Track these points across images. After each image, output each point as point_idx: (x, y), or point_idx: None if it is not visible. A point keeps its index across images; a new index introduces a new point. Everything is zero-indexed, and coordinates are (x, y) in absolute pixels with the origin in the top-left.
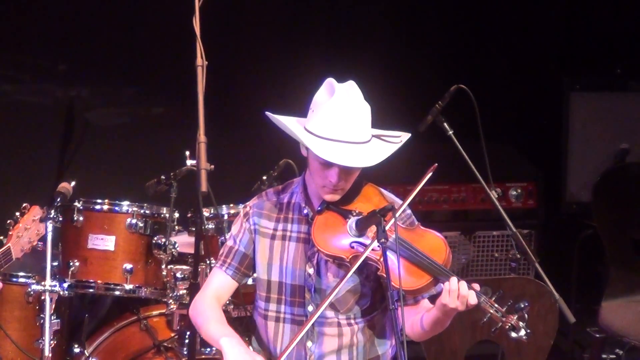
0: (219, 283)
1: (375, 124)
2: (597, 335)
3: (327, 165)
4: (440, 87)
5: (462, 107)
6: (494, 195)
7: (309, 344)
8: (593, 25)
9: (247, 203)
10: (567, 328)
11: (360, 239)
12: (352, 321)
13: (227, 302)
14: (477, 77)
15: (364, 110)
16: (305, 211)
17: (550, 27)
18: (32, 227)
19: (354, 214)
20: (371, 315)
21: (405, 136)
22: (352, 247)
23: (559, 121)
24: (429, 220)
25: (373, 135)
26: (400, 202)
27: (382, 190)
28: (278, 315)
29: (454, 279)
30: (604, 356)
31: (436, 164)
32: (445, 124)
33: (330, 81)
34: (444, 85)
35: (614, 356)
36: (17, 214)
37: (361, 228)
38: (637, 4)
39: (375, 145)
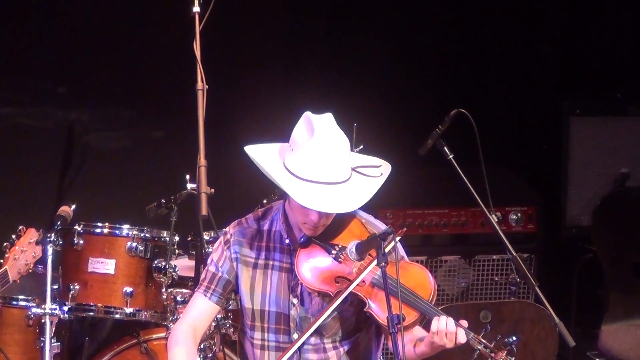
0: (201, 309)
1: (374, 149)
2: (597, 359)
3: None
4: (441, 111)
5: (462, 131)
6: (494, 219)
7: None
8: (593, 49)
9: (227, 229)
10: (567, 352)
11: (345, 273)
12: (338, 344)
13: (227, 325)
14: (477, 102)
15: (344, 147)
16: (287, 241)
17: (550, 51)
18: (29, 249)
19: (337, 248)
20: (355, 335)
21: (385, 168)
22: (337, 283)
23: (559, 145)
24: (428, 245)
25: (352, 169)
26: (384, 228)
27: (368, 220)
28: (263, 343)
29: (442, 319)
30: None
31: (405, 229)
32: (445, 148)
33: (308, 117)
34: (444, 109)
35: None
36: (14, 236)
37: (361, 252)
38: (638, 29)
39: (356, 183)
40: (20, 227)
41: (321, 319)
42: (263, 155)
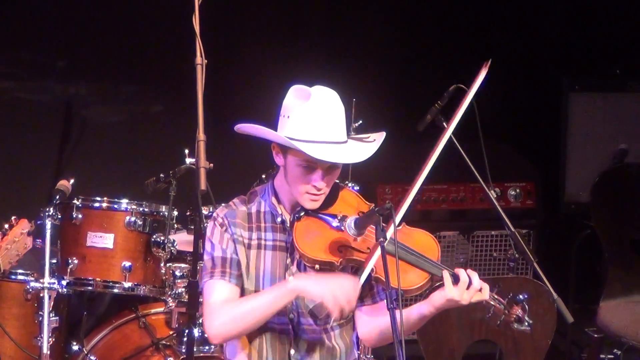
0: (230, 294)
1: (373, 124)
2: (595, 335)
3: (311, 168)
4: (440, 86)
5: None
6: (492, 195)
7: (292, 352)
8: (592, 25)
9: (217, 213)
10: (565, 328)
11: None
12: (328, 327)
13: None
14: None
15: (341, 108)
16: (279, 219)
17: (549, 27)
18: (20, 240)
19: (339, 217)
20: (346, 318)
21: (378, 135)
22: (340, 252)
23: (558, 121)
24: (427, 220)
25: (348, 137)
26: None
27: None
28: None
29: (463, 272)
30: (602, 356)
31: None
32: (444, 124)
33: (299, 87)
34: (443, 84)
35: (612, 356)
36: (6, 225)
37: (360, 227)
38: (636, 5)
39: (354, 145)
40: (12, 217)
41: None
42: (257, 127)
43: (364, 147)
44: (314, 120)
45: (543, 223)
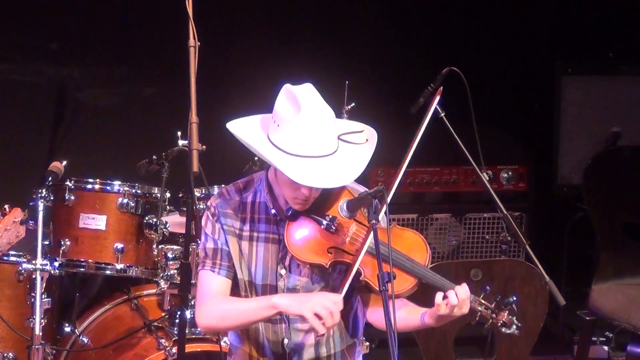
0: (219, 286)
1: (365, 107)
2: (587, 318)
3: (298, 185)
4: (433, 69)
5: (454, 90)
6: (485, 177)
7: (286, 341)
8: (585, 8)
9: (210, 203)
10: (557, 311)
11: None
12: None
13: None
14: (469, 60)
15: (330, 119)
16: (272, 211)
17: (542, 10)
18: (12, 228)
19: (328, 218)
20: (343, 309)
21: (369, 133)
22: (330, 253)
23: (551, 104)
24: (419, 202)
25: (338, 137)
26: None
27: (354, 187)
28: None
29: (456, 290)
30: (593, 339)
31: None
32: (437, 106)
33: (290, 91)
34: (436, 67)
35: (603, 339)
36: None
37: (352, 209)
38: None
39: (344, 153)
40: (5, 206)
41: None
42: (247, 130)
43: (353, 158)
44: (303, 135)
45: (535, 206)
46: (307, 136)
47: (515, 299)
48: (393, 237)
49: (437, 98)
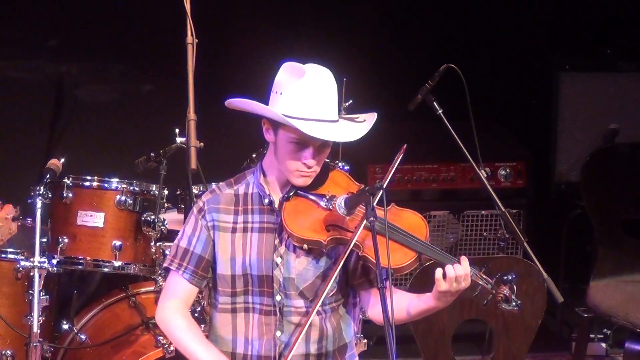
0: (182, 290)
1: (363, 103)
2: (585, 315)
3: (302, 145)
4: (430, 66)
5: (451, 87)
6: (483, 174)
7: (278, 334)
8: (583, 5)
9: (200, 199)
10: (555, 307)
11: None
12: (320, 309)
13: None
14: (467, 57)
15: (334, 88)
16: (266, 200)
17: (540, 7)
18: (5, 225)
19: (327, 197)
20: (337, 302)
21: (369, 116)
22: (328, 231)
23: (549, 101)
24: (417, 200)
25: (339, 116)
26: (361, 185)
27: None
28: (247, 306)
29: (449, 267)
30: (592, 335)
31: (405, 145)
32: (434, 103)
33: (292, 64)
34: (433, 64)
35: (602, 336)
36: None
37: (350, 206)
38: None
39: (346, 125)
40: None
41: (330, 284)
42: (248, 101)
43: (356, 127)
44: (308, 97)
45: (533, 203)
46: (313, 98)
47: (515, 276)
48: (392, 216)
49: (401, 155)
